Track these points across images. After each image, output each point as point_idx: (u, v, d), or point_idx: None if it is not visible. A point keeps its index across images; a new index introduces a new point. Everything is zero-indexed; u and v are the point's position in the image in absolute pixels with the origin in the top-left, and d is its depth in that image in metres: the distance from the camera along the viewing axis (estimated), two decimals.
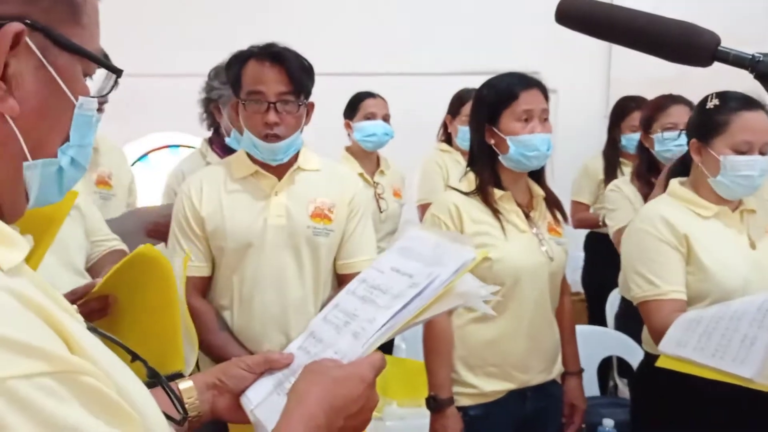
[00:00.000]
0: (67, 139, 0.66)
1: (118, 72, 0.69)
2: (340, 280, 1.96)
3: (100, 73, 0.69)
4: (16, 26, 0.58)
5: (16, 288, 0.54)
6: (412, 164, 3.42)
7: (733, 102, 1.77)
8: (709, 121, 1.79)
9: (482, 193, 1.90)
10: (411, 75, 4.28)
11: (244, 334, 1.88)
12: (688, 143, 1.87)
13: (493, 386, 1.89)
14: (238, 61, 1.84)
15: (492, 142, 1.89)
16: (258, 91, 1.78)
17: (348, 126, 3.27)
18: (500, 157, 1.89)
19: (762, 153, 1.75)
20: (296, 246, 1.86)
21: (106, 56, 0.76)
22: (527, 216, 1.93)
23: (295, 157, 1.90)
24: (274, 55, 1.79)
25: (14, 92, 0.59)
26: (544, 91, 1.89)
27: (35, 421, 0.48)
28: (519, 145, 1.84)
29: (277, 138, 1.80)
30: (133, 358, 0.85)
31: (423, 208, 3.30)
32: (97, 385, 0.53)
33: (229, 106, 2.29)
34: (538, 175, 1.98)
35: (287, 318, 1.86)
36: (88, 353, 0.55)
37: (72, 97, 0.64)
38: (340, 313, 0.98)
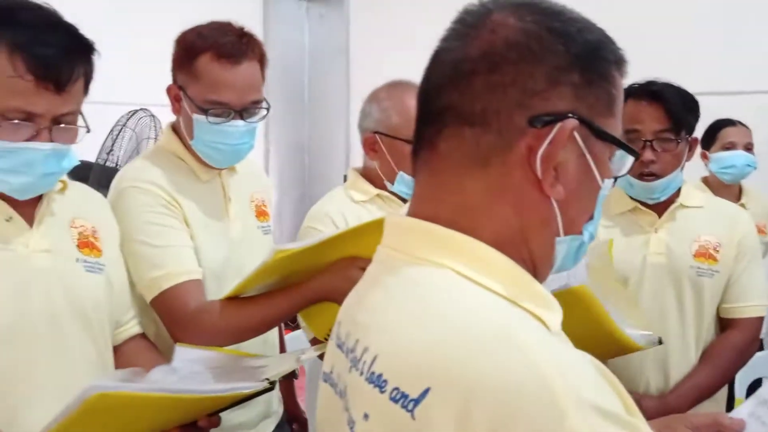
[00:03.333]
0: (591, 217, 0.73)
1: (637, 155, 0.74)
2: (724, 325, 1.84)
3: None
4: (572, 123, 0.66)
5: (581, 353, 0.60)
6: None
7: None
8: None
9: None
10: None
11: (621, 372, 1.85)
12: None
13: None
14: None
15: None
16: (634, 129, 1.77)
17: (705, 156, 3.07)
18: None
19: None
20: (677, 285, 1.80)
21: None
22: None
23: (677, 193, 1.84)
24: (652, 93, 1.76)
25: (560, 178, 0.67)
26: None
27: None
28: None
29: (654, 177, 1.77)
30: None
31: None
32: None
33: None
34: None
35: (667, 358, 1.81)
36: (638, 414, 0.60)
37: (600, 180, 0.71)
38: None
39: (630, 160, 0.74)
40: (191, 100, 1.53)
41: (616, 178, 0.75)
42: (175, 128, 1.64)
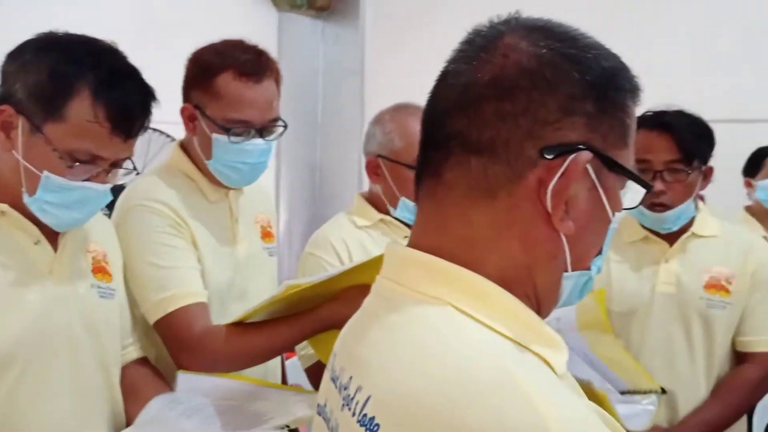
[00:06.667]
0: (600, 252, 0.70)
1: (649, 188, 0.70)
2: (739, 359, 1.80)
3: None
4: (586, 155, 0.63)
5: (585, 402, 0.58)
6: None
7: None
8: None
9: None
10: None
11: None
12: None
13: None
14: None
15: None
16: (644, 159, 1.74)
17: (748, 184, 3.02)
18: None
19: None
20: (686, 318, 1.77)
21: None
22: None
23: (690, 223, 1.81)
24: (662, 123, 1.74)
25: (570, 213, 0.64)
26: None
27: None
28: None
29: (664, 207, 1.74)
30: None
31: None
32: None
33: None
34: None
35: (675, 394, 1.77)
36: None
37: (611, 214, 0.68)
38: None
39: (642, 192, 0.70)
40: (210, 120, 1.51)
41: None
42: (184, 147, 1.62)
